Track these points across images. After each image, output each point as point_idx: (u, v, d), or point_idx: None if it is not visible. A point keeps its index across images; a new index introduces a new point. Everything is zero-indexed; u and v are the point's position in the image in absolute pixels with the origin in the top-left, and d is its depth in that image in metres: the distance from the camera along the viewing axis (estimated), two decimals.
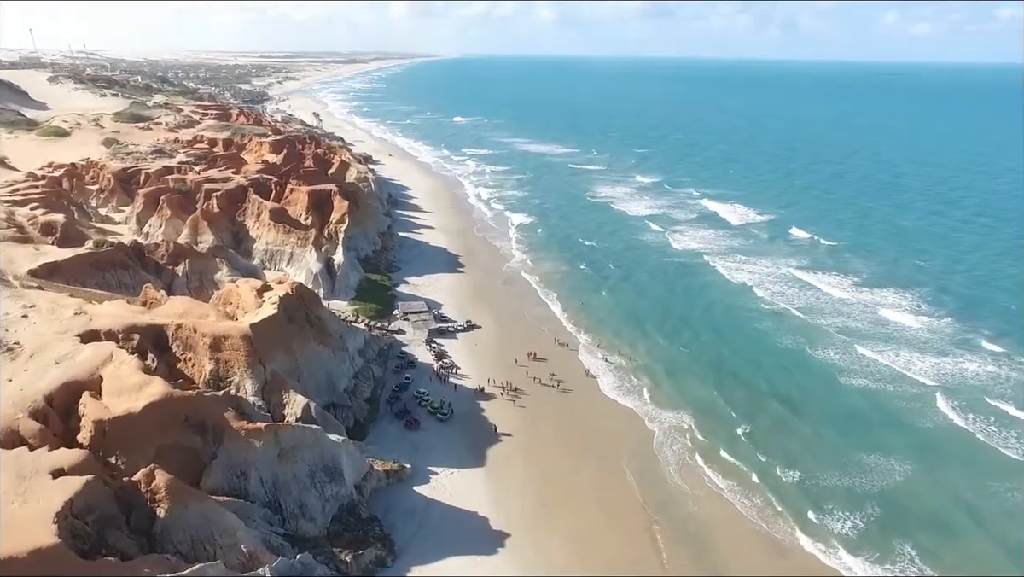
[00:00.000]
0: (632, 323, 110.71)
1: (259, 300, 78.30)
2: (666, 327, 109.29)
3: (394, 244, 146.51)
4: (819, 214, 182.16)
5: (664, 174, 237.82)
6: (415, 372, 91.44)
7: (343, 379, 79.78)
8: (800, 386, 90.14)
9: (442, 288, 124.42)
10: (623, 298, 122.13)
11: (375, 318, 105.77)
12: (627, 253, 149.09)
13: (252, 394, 67.47)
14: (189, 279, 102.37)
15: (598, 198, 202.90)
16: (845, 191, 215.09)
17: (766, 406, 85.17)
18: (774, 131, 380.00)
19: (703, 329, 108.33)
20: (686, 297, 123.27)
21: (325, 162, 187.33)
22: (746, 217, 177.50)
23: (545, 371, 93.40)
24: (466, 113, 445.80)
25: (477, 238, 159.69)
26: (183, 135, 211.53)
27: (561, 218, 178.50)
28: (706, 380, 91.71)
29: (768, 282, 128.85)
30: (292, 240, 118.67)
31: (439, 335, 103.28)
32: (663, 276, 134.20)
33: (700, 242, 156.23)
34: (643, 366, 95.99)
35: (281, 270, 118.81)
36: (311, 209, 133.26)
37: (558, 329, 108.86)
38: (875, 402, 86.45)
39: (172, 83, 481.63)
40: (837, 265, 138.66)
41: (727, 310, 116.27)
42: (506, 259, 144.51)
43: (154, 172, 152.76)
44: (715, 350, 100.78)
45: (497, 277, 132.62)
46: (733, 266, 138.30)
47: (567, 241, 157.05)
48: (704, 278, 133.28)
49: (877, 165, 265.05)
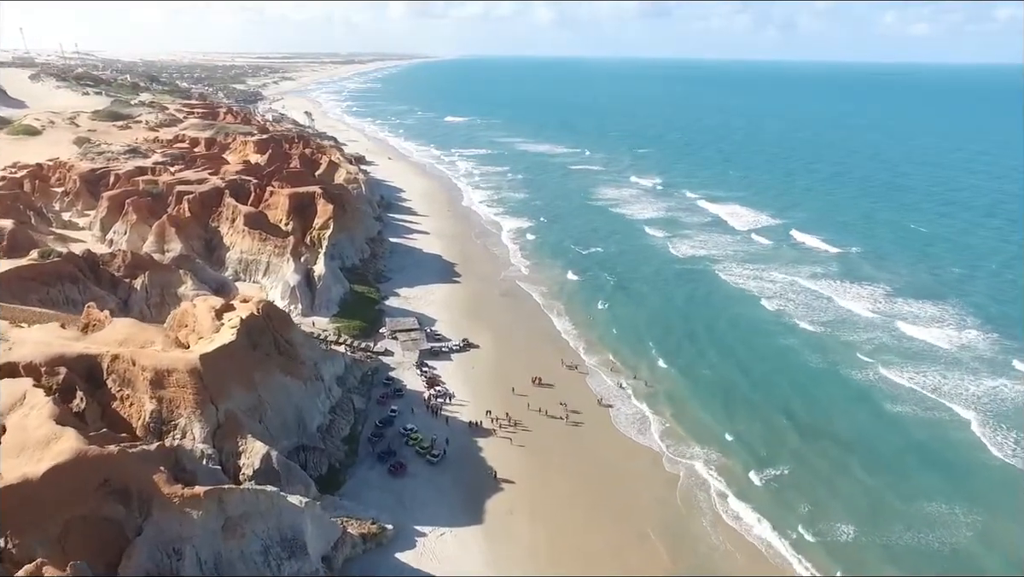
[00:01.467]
0: (643, 340, 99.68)
1: (217, 323, 66.73)
2: (680, 345, 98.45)
3: (384, 251, 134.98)
4: (823, 216, 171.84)
5: (664, 175, 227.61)
6: (403, 402, 79.86)
7: (316, 416, 68.17)
8: (827, 415, 79.83)
9: (436, 301, 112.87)
10: (631, 311, 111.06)
11: (359, 337, 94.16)
12: (631, 260, 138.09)
13: (201, 440, 55.87)
14: (148, 294, 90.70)
15: (599, 200, 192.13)
16: (846, 192, 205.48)
17: (796, 441, 74.42)
18: (773, 131, 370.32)
19: (718, 347, 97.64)
20: (697, 310, 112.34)
21: (312, 162, 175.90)
22: (749, 221, 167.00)
23: (551, 399, 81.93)
24: (464, 113, 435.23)
25: (474, 244, 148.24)
26: (164, 134, 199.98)
27: (561, 222, 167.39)
28: (728, 409, 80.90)
29: (778, 293, 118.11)
30: (269, 248, 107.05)
31: (431, 357, 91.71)
32: (670, 286, 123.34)
33: (704, 248, 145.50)
34: (659, 393, 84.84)
35: (256, 282, 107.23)
36: (292, 213, 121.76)
37: (564, 348, 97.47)
38: (911, 437, 75.60)
39: (162, 82, 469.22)
40: (848, 273, 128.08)
41: (739, 325, 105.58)
42: (505, 267, 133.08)
43: (124, 173, 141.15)
44: (733, 372, 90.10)
45: (496, 288, 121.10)
46: (741, 276, 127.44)
47: (568, 247, 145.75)
48: (712, 288, 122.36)
49: (878, 165, 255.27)
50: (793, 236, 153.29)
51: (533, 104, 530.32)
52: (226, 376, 59.59)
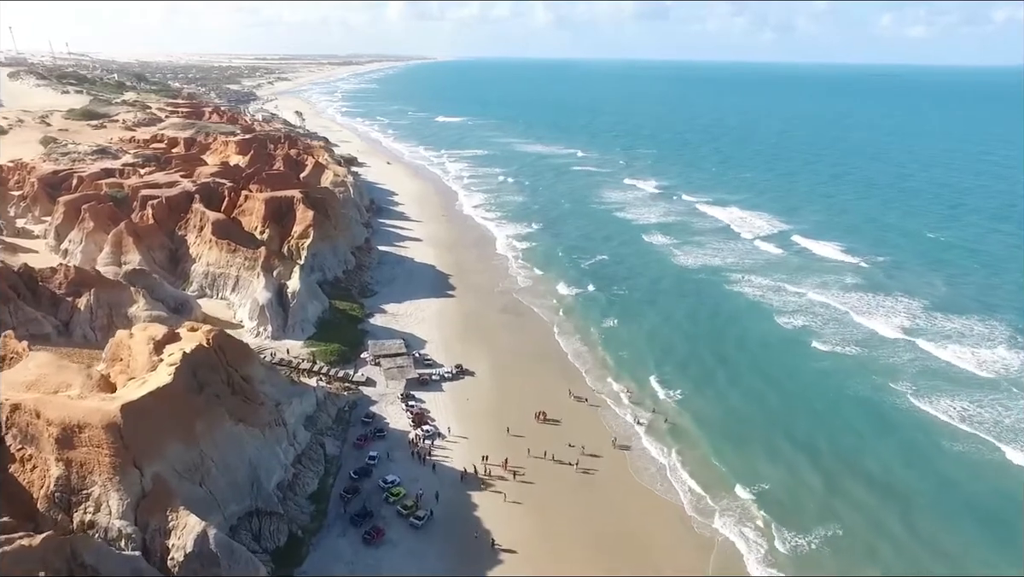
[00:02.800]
0: (656, 364, 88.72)
1: (155, 359, 55.05)
2: (696, 369, 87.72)
3: (372, 261, 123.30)
4: (828, 221, 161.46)
5: (664, 177, 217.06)
6: (384, 445, 68.12)
7: (276, 470, 56.41)
8: (858, 453, 69.71)
9: (426, 319, 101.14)
10: (641, 329, 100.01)
11: (337, 363, 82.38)
12: (636, 271, 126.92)
13: (118, 515, 44.14)
14: (94, 315, 78.91)
15: (599, 204, 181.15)
16: (849, 194, 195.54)
17: (830, 490, 63.78)
18: (771, 131, 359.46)
19: (736, 372, 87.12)
20: (709, 327, 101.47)
21: (298, 164, 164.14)
22: (754, 227, 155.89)
23: (558, 440, 70.41)
24: (460, 113, 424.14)
25: (470, 252, 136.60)
26: (141, 134, 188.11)
27: (561, 227, 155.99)
28: (756, 450, 70.22)
29: (792, 308, 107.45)
30: (238, 261, 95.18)
31: (419, 387, 79.99)
32: (680, 300, 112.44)
33: (711, 257, 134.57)
34: (679, 430, 73.67)
35: (224, 298, 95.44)
36: (269, 220, 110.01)
37: (571, 375, 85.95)
38: (948, 479, 65.79)
39: (150, 81, 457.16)
40: (862, 284, 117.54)
41: (756, 346, 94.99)
42: (503, 278, 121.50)
43: (88, 176, 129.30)
44: (755, 403, 79.61)
45: (494, 303, 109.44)
46: (751, 288, 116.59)
47: (570, 255, 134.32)
48: (723, 303, 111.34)
49: (880, 166, 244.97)
50: (800, 243, 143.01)
51: (531, 105, 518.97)
52: (157, 429, 47.84)
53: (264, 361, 65.54)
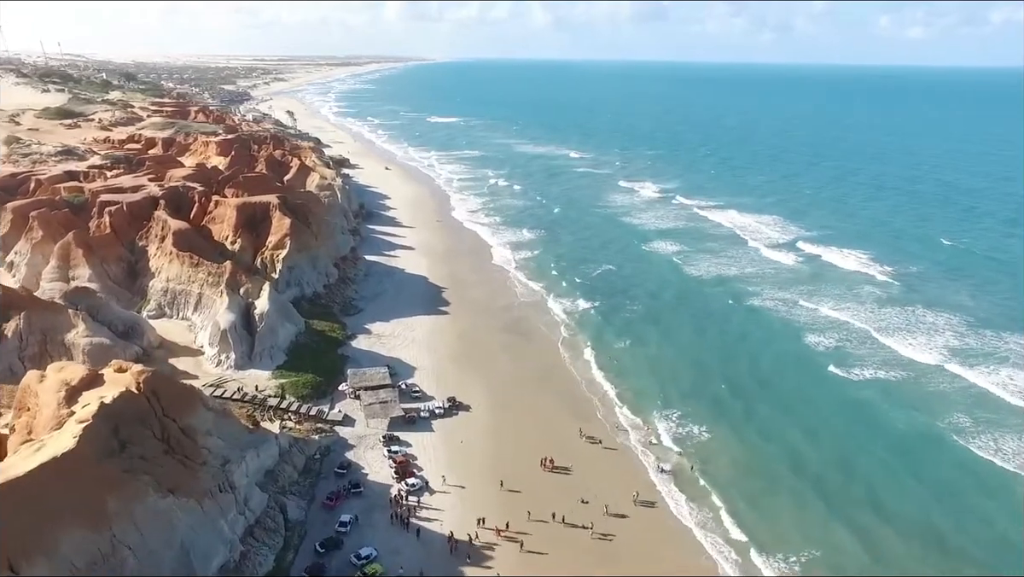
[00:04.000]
0: (678, 393, 78.25)
1: (66, 410, 43.65)
2: (723, 400, 77.10)
3: (358, 273, 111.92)
4: (838, 226, 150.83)
5: (667, 180, 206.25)
6: (360, 504, 56.73)
7: (217, 551, 44.93)
8: (919, 507, 59.32)
9: (416, 340, 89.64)
10: (658, 351, 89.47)
11: (310, 398, 70.97)
12: (646, 282, 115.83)
13: None
14: (24, 342, 67.50)
15: (603, 208, 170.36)
16: (856, 196, 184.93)
17: (894, 552, 53.44)
18: (773, 131, 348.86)
19: (769, 403, 76.62)
20: (732, 348, 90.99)
21: (282, 166, 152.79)
22: (763, 234, 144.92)
23: (570, 494, 59.26)
24: (458, 114, 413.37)
25: (466, 262, 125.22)
26: (117, 134, 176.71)
27: (564, 235, 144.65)
28: (803, 506, 59.51)
29: (816, 325, 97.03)
30: (201, 276, 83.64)
31: (406, 426, 68.59)
32: (697, 316, 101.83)
33: (723, 267, 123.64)
34: (712, 480, 62.95)
35: (186, 319, 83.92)
36: (241, 229, 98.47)
37: (582, 408, 74.67)
38: None
39: (140, 80, 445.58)
40: (885, 298, 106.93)
41: (786, 371, 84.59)
42: (503, 292, 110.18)
43: (48, 179, 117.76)
44: (793, 443, 69.12)
45: (493, 321, 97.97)
46: (771, 303, 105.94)
47: (575, 266, 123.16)
48: (743, 319, 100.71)
49: (883, 167, 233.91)
50: (810, 251, 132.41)
51: (529, 105, 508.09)
52: (49, 514, 36.41)
53: (214, 404, 54.08)
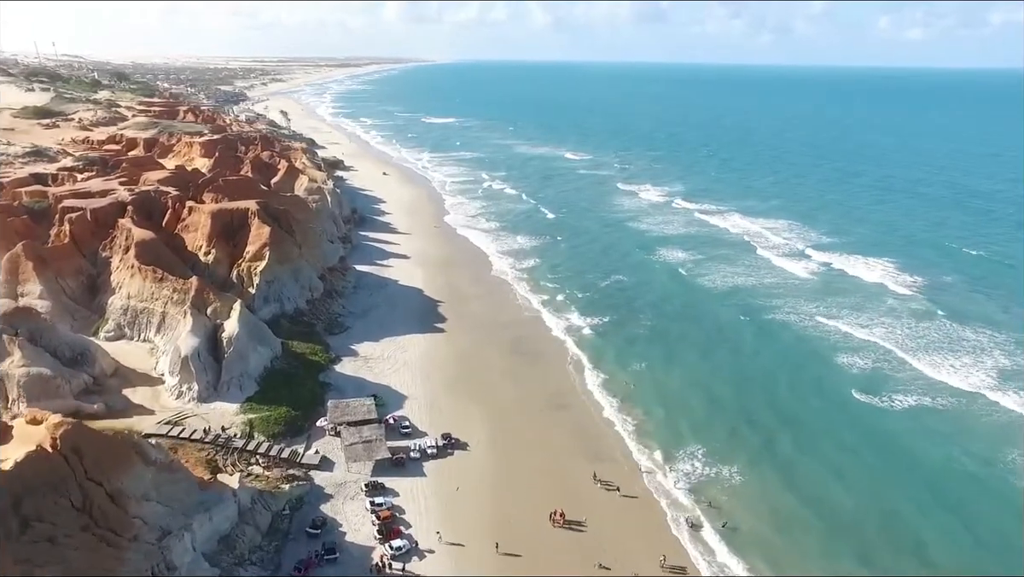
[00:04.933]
0: (704, 427, 69.64)
1: None
2: (756, 434, 68.70)
3: (346, 285, 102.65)
4: (851, 233, 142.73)
5: (670, 183, 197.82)
6: (335, 571, 47.44)
7: None
8: None
9: (409, 363, 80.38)
10: (677, 375, 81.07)
11: (283, 436, 61.66)
12: (660, 295, 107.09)
13: None
14: None
15: (608, 212, 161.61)
16: (864, 200, 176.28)
17: None
18: (773, 133, 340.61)
19: (798, 434, 68.70)
20: (761, 371, 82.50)
21: (269, 168, 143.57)
22: (776, 242, 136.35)
23: (585, 556, 50.42)
24: (456, 114, 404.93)
25: (465, 272, 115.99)
26: (97, 134, 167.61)
27: (568, 241, 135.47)
28: (847, 557, 51.31)
29: (847, 346, 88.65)
30: (165, 293, 74.37)
31: (393, 469, 59.33)
32: (718, 332, 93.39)
33: (739, 278, 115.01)
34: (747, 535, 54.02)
35: (147, 341, 74.62)
36: (217, 238, 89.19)
37: (596, 446, 65.64)
38: None
39: (133, 80, 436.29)
40: (906, 312, 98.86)
41: (825, 401, 75.84)
42: (506, 306, 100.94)
43: (11, 183, 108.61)
44: (830, 482, 60.97)
45: (495, 340, 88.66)
46: (794, 318, 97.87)
47: (581, 276, 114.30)
48: (769, 337, 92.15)
49: (889, 169, 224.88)
50: (824, 260, 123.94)
51: (530, 106, 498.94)
52: None
53: (160, 455, 44.81)
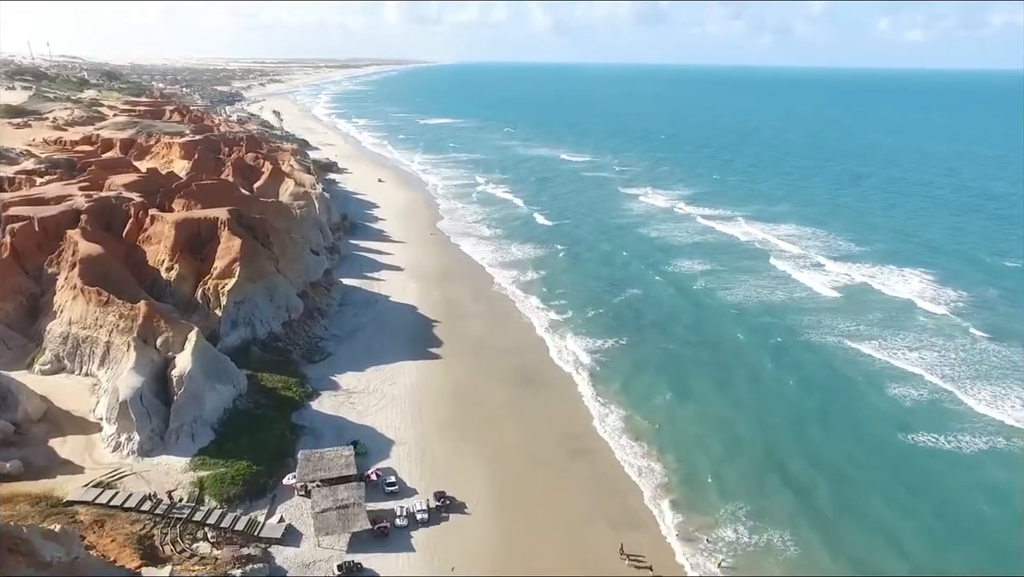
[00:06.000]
0: (742, 475, 59.68)
1: None
2: (800, 483, 58.57)
3: (331, 303, 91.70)
4: (866, 239, 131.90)
5: (677, 186, 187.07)
6: None
7: None
8: None
9: (398, 399, 69.34)
10: (707, 408, 70.59)
11: (240, 500, 50.60)
12: (675, 314, 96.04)
13: None
14: None
15: (614, 218, 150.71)
16: (875, 203, 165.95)
17: None
18: (774, 134, 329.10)
19: (855, 485, 58.59)
20: (802, 402, 72.27)
21: (252, 171, 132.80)
22: (788, 250, 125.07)
23: None
24: (456, 115, 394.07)
25: (464, 286, 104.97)
26: (72, 134, 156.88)
27: (574, 252, 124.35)
28: None
29: (891, 374, 77.25)
30: (111, 319, 63.32)
31: (375, 544, 48.29)
32: (735, 357, 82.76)
33: (756, 291, 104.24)
34: None
35: (90, 375, 63.58)
36: (181, 252, 78.28)
37: (621, 505, 54.97)
38: None
39: (127, 80, 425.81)
40: (946, 334, 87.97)
41: (851, 432, 66.50)
42: (509, 326, 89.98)
43: None
44: (909, 545, 50.89)
45: (498, 368, 77.68)
46: (813, 339, 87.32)
47: (592, 290, 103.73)
48: (789, 363, 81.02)
49: (897, 172, 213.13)
50: (844, 271, 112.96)
51: (529, 106, 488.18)
52: None
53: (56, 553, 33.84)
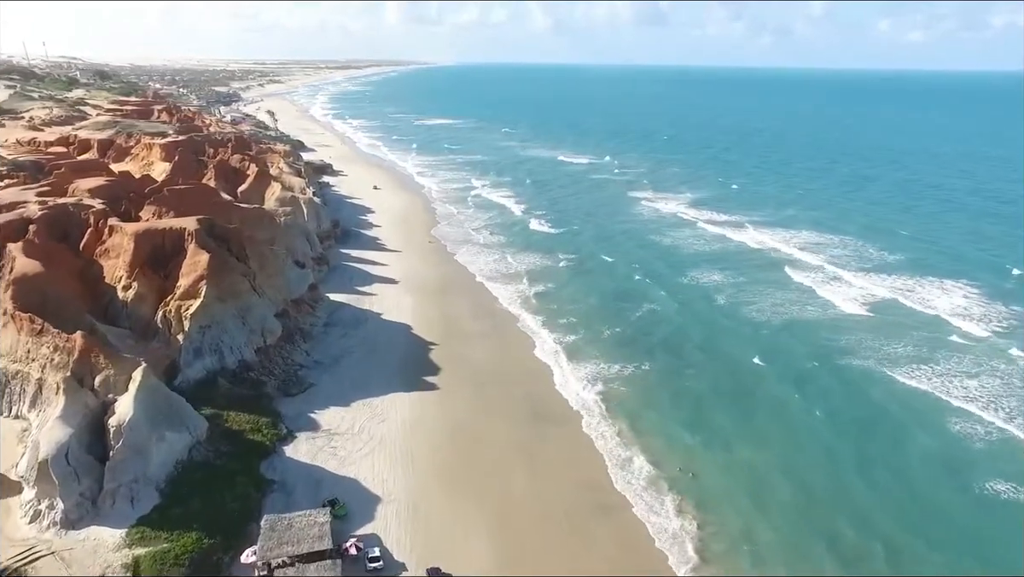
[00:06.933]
0: (799, 538, 49.47)
1: None
2: (871, 550, 48.16)
3: (315, 323, 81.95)
4: (893, 248, 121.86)
5: (685, 188, 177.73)
6: None
7: None
8: None
9: (387, 441, 59.52)
10: (744, 453, 60.64)
11: None
12: (690, 329, 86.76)
13: None
14: None
15: (618, 224, 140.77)
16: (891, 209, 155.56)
17: None
18: (776, 133, 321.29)
19: (939, 561, 47.59)
20: (842, 443, 61.89)
21: (237, 174, 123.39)
22: (806, 261, 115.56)
23: None
24: (456, 115, 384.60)
25: (464, 302, 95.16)
26: (47, 135, 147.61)
27: (579, 261, 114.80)
28: None
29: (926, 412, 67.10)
30: (44, 352, 53.55)
31: None
32: (768, 382, 73.63)
33: (782, 309, 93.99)
34: None
35: (20, 418, 53.83)
36: (141, 267, 68.65)
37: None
38: None
39: (121, 80, 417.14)
40: (999, 370, 76.10)
41: (933, 483, 55.73)
42: (514, 349, 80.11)
43: None
44: None
45: (503, 399, 67.82)
46: (850, 365, 76.87)
47: (605, 306, 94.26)
48: (827, 395, 70.85)
49: (905, 174, 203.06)
50: (869, 286, 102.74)
51: (529, 107, 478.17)
52: None
53: None
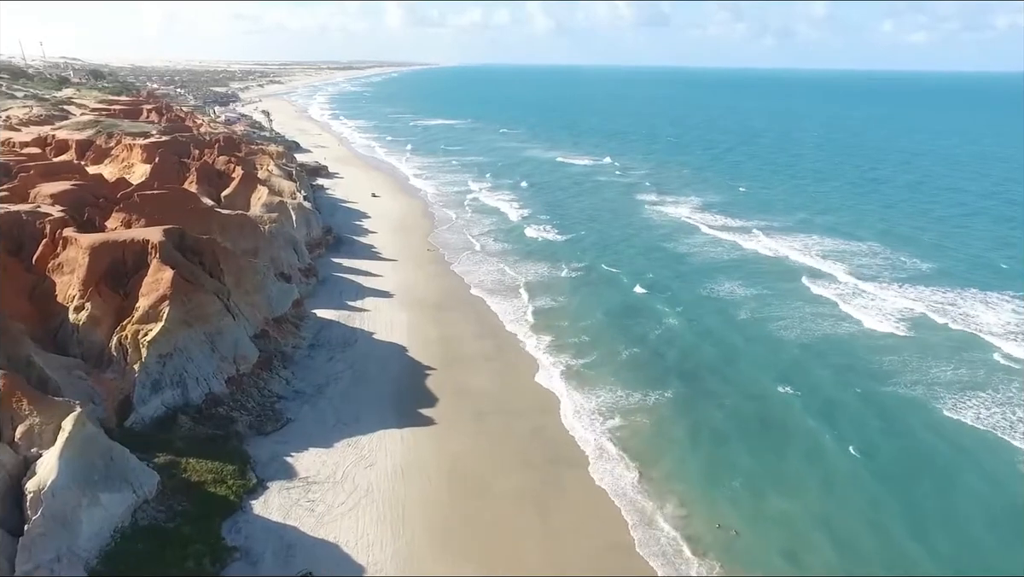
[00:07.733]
0: None
1: None
2: None
3: (298, 345, 73.57)
4: (914, 254, 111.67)
5: (689, 191, 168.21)
6: None
7: None
8: None
9: (374, 492, 50.97)
10: (785, 498, 51.36)
11: None
12: (713, 352, 76.53)
13: None
14: None
15: (629, 229, 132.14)
16: (906, 211, 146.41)
17: None
18: (777, 133, 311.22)
19: None
20: (890, 498, 51.67)
21: (222, 177, 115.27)
22: (829, 272, 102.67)
23: None
24: (456, 116, 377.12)
25: (466, 319, 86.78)
26: (23, 135, 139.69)
27: (590, 272, 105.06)
28: None
29: (988, 456, 56.41)
30: None
31: None
32: (804, 419, 62.56)
33: (814, 329, 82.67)
34: None
35: None
36: (97, 285, 60.34)
37: None
38: None
39: (111, 79, 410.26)
40: None
41: None
42: (520, 379, 71.36)
43: None
44: None
45: (508, 440, 59.24)
46: (905, 394, 65.94)
47: (618, 325, 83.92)
48: (865, 424, 61.04)
49: (912, 177, 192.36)
50: (900, 305, 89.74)
51: (531, 107, 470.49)
52: None
53: None
